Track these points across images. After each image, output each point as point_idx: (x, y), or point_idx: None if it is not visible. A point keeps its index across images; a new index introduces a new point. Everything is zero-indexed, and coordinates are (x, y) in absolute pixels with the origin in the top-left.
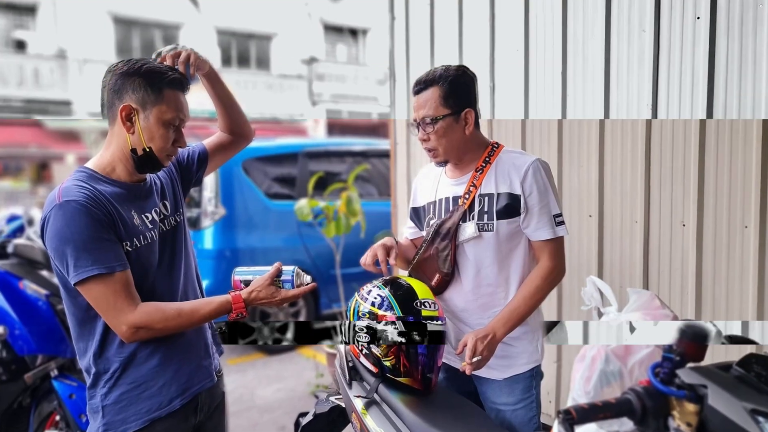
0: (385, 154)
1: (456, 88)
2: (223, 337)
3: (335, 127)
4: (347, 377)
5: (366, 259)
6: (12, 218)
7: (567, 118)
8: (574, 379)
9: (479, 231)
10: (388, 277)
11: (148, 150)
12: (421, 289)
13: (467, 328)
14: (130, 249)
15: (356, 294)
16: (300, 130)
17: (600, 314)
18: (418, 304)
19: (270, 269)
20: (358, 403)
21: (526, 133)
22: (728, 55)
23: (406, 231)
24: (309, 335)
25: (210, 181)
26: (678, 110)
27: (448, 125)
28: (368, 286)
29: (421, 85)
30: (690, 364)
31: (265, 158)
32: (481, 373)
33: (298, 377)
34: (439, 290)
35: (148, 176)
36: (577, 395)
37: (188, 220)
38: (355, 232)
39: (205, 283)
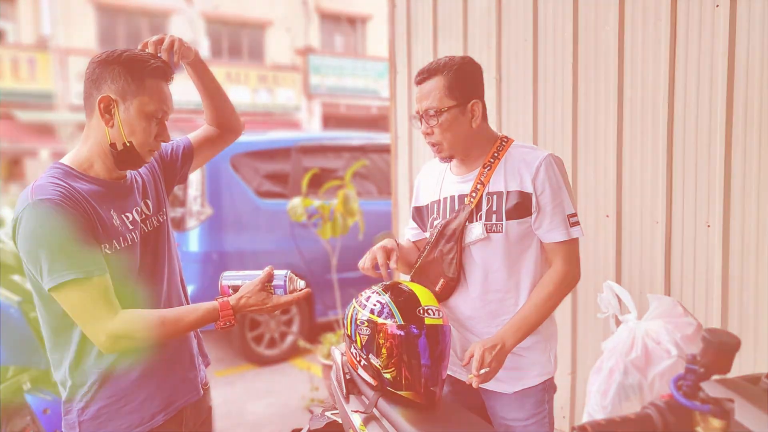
0: (385, 150)
1: (461, 78)
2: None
3: (331, 120)
4: (344, 391)
5: (365, 263)
6: None
7: (579, 112)
8: (590, 393)
9: (487, 232)
10: (388, 282)
11: (128, 144)
12: (425, 296)
13: (474, 337)
14: (109, 252)
15: (354, 300)
16: (294, 124)
17: (618, 322)
18: (421, 311)
19: (260, 274)
20: (356, 419)
21: (538, 127)
22: (749, 45)
23: (407, 232)
24: None
25: (196, 178)
26: (696, 105)
27: (453, 117)
28: (367, 292)
29: (424, 75)
30: (715, 377)
31: (256, 153)
32: (489, 386)
33: (291, 390)
34: (443, 296)
35: (129, 173)
36: (593, 410)
37: (172, 220)
38: (353, 233)
39: (190, 289)
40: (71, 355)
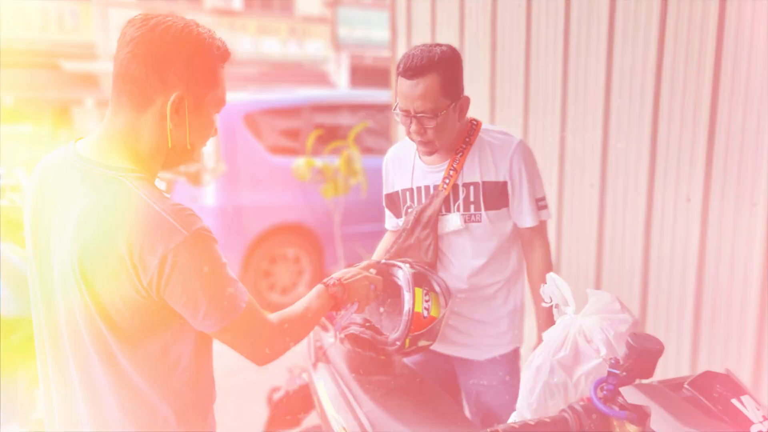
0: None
1: (455, 75)
2: None
3: (359, 71)
4: (312, 358)
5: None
6: None
7: (569, 82)
8: (521, 388)
9: (465, 222)
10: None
11: (190, 147)
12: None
13: (455, 316)
14: None
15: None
16: (322, 75)
17: (559, 313)
18: None
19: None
20: (321, 387)
21: (530, 96)
22: (738, 25)
23: (387, 222)
24: None
25: None
26: (683, 77)
27: (447, 116)
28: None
29: (416, 71)
30: (638, 381)
31: (268, 111)
32: (462, 353)
33: None
34: None
35: None
36: (521, 406)
37: (188, 175)
38: (358, 190)
39: None
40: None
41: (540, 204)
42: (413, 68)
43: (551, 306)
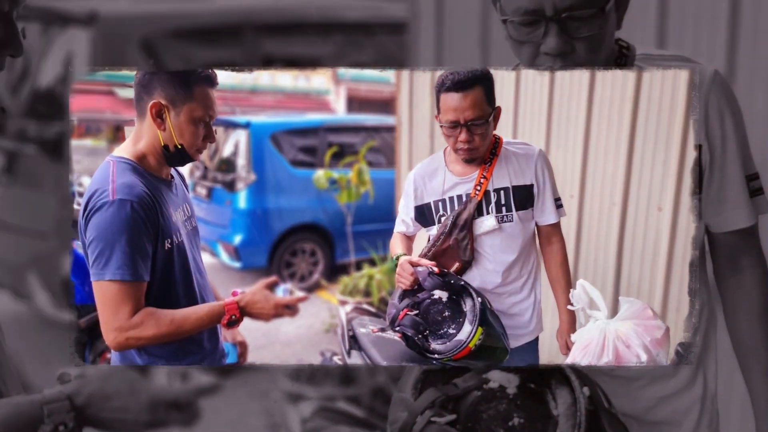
0: (392, 129)
1: (492, 87)
2: None
3: (354, 100)
4: (347, 346)
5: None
6: None
7: (554, 97)
8: None
9: (499, 223)
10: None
11: (180, 147)
12: None
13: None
14: (169, 246)
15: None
16: (325, 103)
17: (587, 317)
18: None
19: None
20: None
21: (519, 112)
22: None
23: (398, 226)
24: None
25: (243, 150)
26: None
27: (489, 125)
28: None
29: (464, 85)
30: None
31: (291, 131)
32: None
33: (315, 317)
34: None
35: (174, 175)
36: None
37: (225, 183)
38: (366, 197)
39: (239, 238)
40: None
41: (558, 203)
42: (461, 82)
43: (575, 309)
